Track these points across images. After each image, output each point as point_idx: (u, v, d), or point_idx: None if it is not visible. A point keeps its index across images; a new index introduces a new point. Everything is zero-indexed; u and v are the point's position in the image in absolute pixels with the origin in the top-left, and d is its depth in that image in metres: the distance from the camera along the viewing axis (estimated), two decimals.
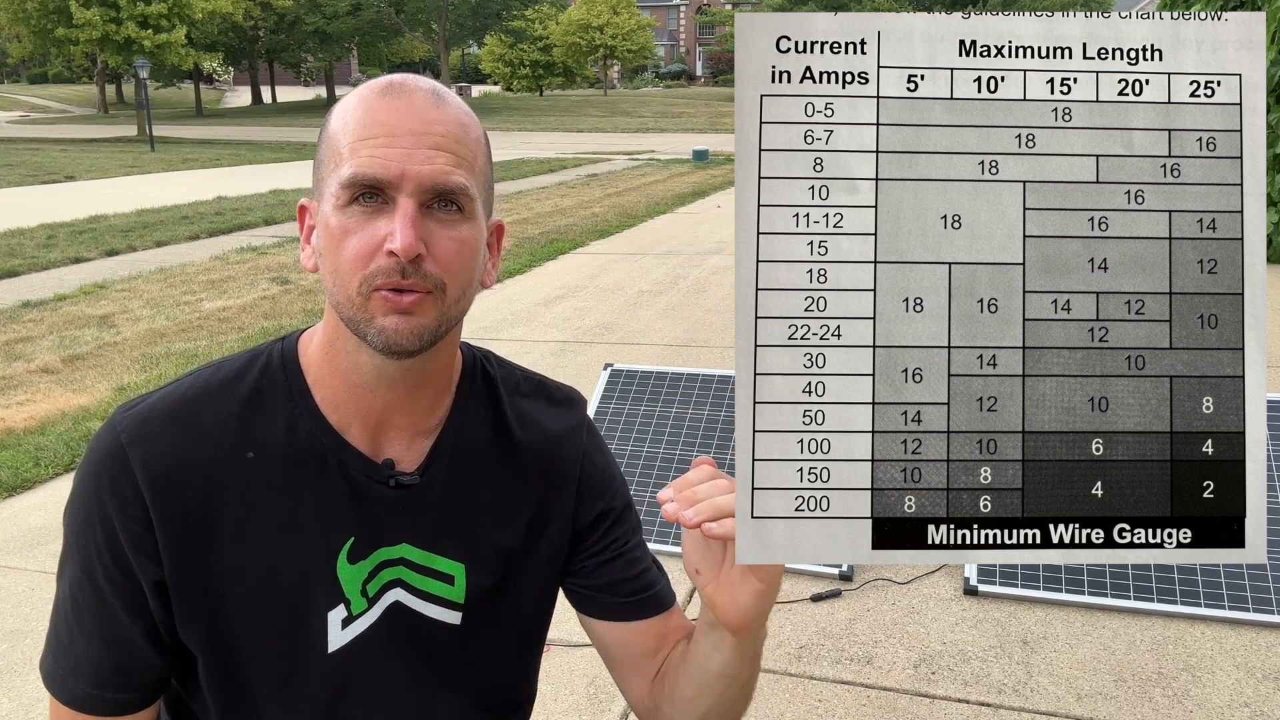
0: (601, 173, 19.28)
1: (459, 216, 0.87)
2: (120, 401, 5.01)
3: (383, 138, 0.84)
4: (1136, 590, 2.88)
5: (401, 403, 0.94)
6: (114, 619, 0.91)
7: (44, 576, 3.25)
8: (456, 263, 0.87)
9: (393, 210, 0.84)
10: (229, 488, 0.90)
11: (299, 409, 0.93)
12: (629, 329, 6.58)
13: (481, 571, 1.00)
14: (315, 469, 0.93)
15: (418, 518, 0.96)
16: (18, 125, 42.44)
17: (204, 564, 0.90)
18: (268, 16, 47.51)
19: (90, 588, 0.91)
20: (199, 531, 0.90)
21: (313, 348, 0.95)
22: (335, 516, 0.93)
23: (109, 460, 0.89)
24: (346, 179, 0.84)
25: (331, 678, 0.95)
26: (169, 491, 0.89)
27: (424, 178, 0.84)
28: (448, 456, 0.98)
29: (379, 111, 0.85)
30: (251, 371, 0.95)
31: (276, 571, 0.92)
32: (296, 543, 0.92)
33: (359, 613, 0.95)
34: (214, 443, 0.90)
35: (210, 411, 0.91)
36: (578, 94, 60.98)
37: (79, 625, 0.92)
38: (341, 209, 0.85)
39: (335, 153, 0.86)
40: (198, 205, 13.78)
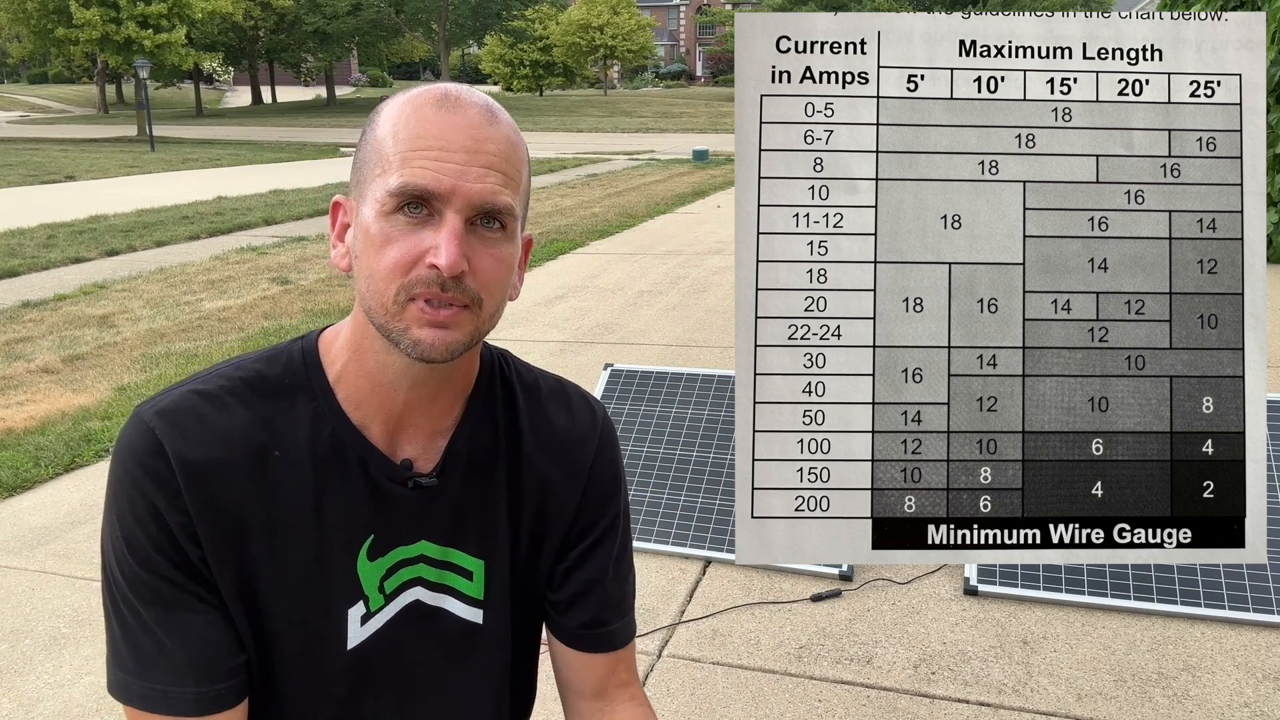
0: (601, 173, 19.28)
1: (501, 235, 0.87)
2: (120, 402, 5.02)
3: (436, 150, 0.84)
4: (1136, 590, 2.88)
5: (422, 403, 0.95)
6: (195, 610, 0.89)
7: (44, 576, 3.25)
8: (495, 280, 0.87)
9: (438, 223, 0.84)
10: (256, 485, 0.90)
11: (321, 407, 0.94)
12: (629, 329, 6.58)
13: (499, 568, 1.00)
14: (337, 467, 0.93)
15: (435, 517, 0.97)
16: (18, 125, 42.44)
17: (235, 558, 0.90)
18: (268, 16, 47.52)
19: (163, 586, 0.88)
20: (229, 527, 0.89)
21: (337, 346, 0.96)
22: (356, 514, 0.94)
23: (146, 454, 0.88)
24: (396, 187, 0.83)
25: (352, 674, 0.96)
26: (202, 484, 0.88)
27: (474, 196, 0.84)
28: (463, 457, 0.98)
29: (433, 123, 0.85)
30: (274, 369, 0.95)
31: (302, 568, 0.92)
32: (321, 539, 0.93)
33: (377, 609, 0.96)
34: (241, 440, 0.90)
35: (236, 408, 0.91)
36: (578, 94, 60.98)
37: (166, 630, 0.89)
38: (386, 216, 0.85)
39: (383, 157, 0.86)
40: (198, 205, 13.78)
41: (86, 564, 3.34)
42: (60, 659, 2.77)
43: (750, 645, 2.78)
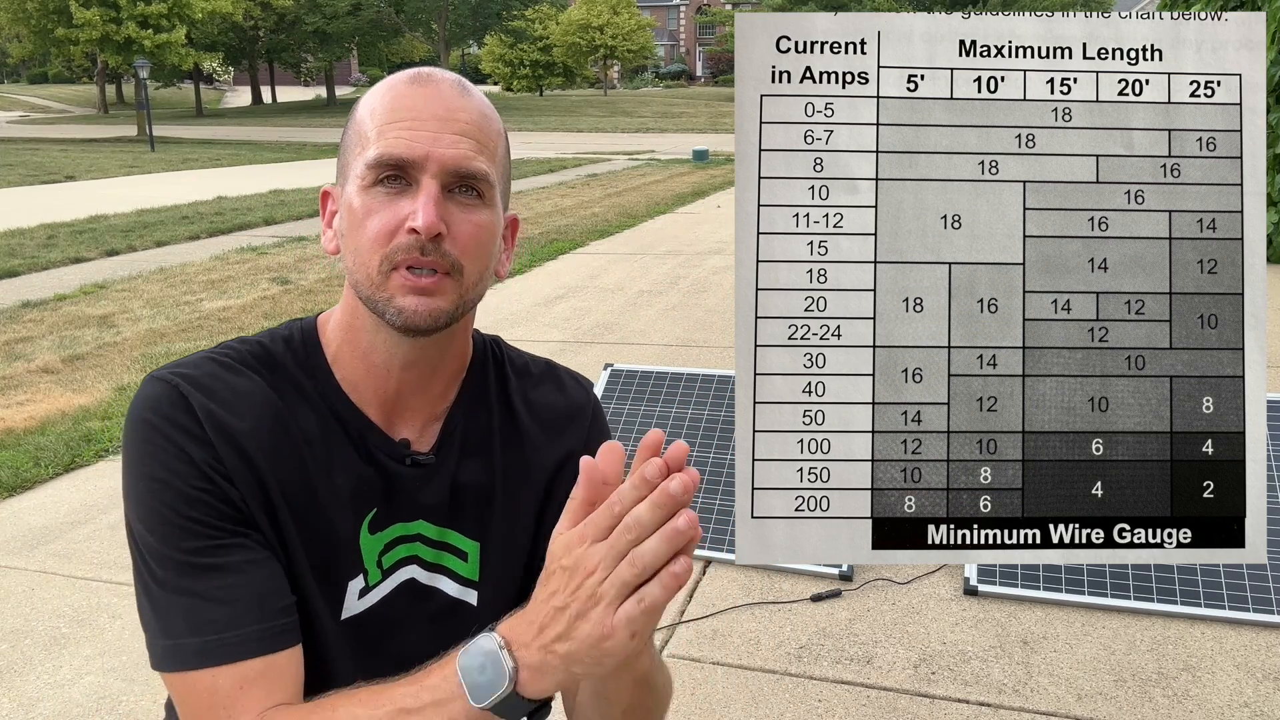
0: (601, 173, 19.28)
1: (478, 202, 0.90)
2: (120, 401, 5.02)
3: (410, 121, 0.88)
4: (1136, 590, 2.88)
5: (416, 385, 0.97)
6: (244, 547, 0.88)
7: (44, 576, 3.25)
8: (474, 246, 0.90)
9: (415, 192, 0.87)
10: (276, 448, 0.91)
11: (321, 385, 0.96)
12: (629, 329, 6.58)
13: (495, 550, 1.02)
14: (340, 442, 0.95)
15: (433, 497, 0.99)
16: (18, 125, 42.43)
17: (263, 513, 0.90)
18: (268, 16, 47.50)
19: (203, 531, 0.87)
20: (249, 488, 0.89)
21: (330, 328, 0.98)
22: (362, 487, 0.95)
23: (169, 406, 0.87)
24: (373, 159, 0.87)
25: (345, 646, 0.96)
26: (227, 441, 0.88)
27: (447, 161, 0.87)
28: (458, 439, 1.00)
29: (406, 97, 0.89)
30: (276, 346, 0.97)
31: (316, 536, 0.94)
32: (332, 509, 0.94)
33: (375, 583, 0.97)
34: (260, 403, 0.92)
35: (250, 376, 0.93)
36: (578, 94, 60.97)
37: (218, 571, 0.86)
38: (366, 189, 0.88)
39: (362, 136, 0.90)
40: (198, 205, 13.78)
41: (87, 564, 3.34)
42: (60, 659, 2.77)
43: (750, 645, 2.78)
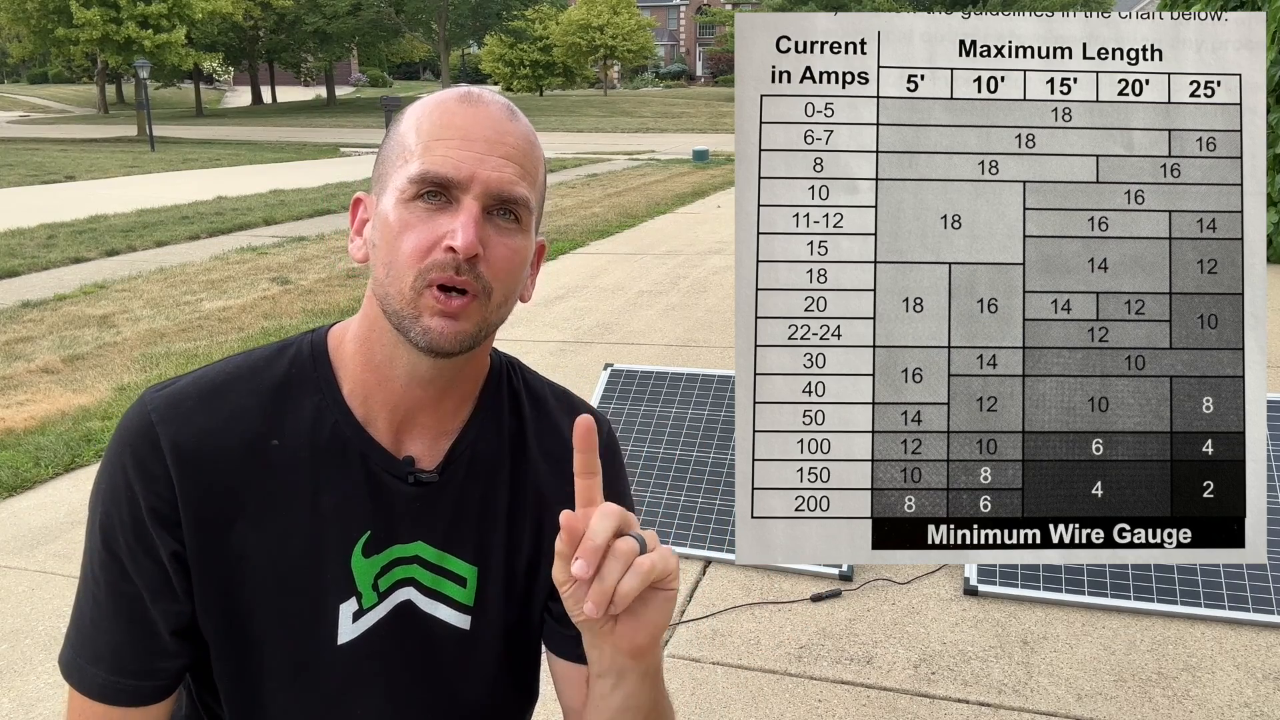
0: (602, 173, 19.28)
1: (516, 226, 0.90)
2: (120, 402, 5.02)
3: (458, 140, 0.87)
4: (1136, 590, 2.88)
5: (429, 402, 0.96)
6: (136, 599, 0.91)
7: (44, 576, 3.25)
8: (506, 270, 0.90)
9: (455, 210, 0.87)
10: (253, 472, 0.92)
11: (325, 399, 0.95)
12: (629, 329, 6.58)
13: (492, 576, 1.00)
14: (337, 459, 0.94)
15: (434, 518, 0.97)
16: (18, 125, 42.43)
17: (223, 546, 0.91)
18: (268, 16, 47.50)
19: (114, 565, 0.91)
20: (221, 513, 0.91)
21: (346, 339, 0.97)
22: (353, 508, 0.95)
23: (138, 438, 0.90)
24: (416, 174, 0.87)
25: (340, 671, 0.96)
26: (195, 472, 0.90)
27: (492, 183, 0.87)
28: (466, 460, 0.99)
29: (455, 115, 0.89)
30: (281, 360, 0.97)
31: (293, 559, 0.93)
32: (314, 531, 0.93)
33: (369, 607, 0.96)
34: (241, 427, 0.92)
35: (239, 397, 0.93)
36: (578, 94, 60.96)
37: (100, 608, 0.92)
38: (405, 203, 0.88)
39: (405, 149, 0.89)
40: (198, 205, 13.77)
41: None
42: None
43: (750, 645, 2.78)
